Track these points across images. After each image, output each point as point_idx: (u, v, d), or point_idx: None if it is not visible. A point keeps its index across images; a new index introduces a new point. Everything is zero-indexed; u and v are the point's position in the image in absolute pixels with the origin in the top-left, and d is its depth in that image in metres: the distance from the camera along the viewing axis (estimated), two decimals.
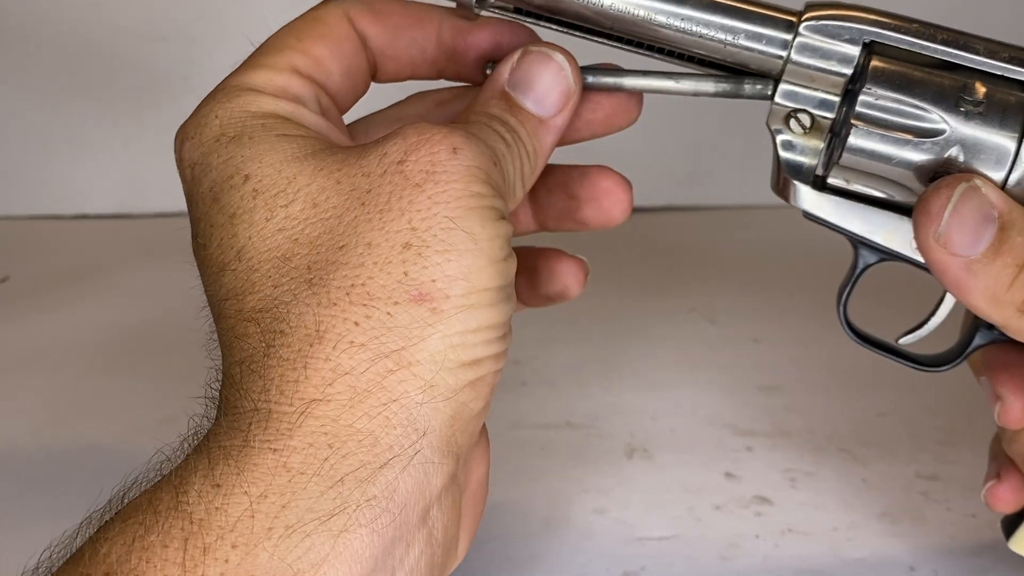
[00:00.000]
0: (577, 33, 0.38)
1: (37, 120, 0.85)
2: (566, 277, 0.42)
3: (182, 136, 0.35)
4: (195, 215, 0.34)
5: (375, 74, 0.39)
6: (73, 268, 0.78)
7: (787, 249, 0.75)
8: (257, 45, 0.37)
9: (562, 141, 0.39)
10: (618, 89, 0.38)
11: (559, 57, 0.37)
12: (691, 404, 0.60)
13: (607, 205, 0.41)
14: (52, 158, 0.86)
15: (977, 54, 0.35)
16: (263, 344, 0.31)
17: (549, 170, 0.41)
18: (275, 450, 0.29)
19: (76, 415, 0.58)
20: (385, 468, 0.30)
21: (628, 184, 0.41)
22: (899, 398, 0.45)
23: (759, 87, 0.37)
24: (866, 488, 0.52)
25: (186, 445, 0.32)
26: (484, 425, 0.37)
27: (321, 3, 0.38)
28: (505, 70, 0.37)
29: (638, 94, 0.39)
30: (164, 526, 0.28)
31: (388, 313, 0.31)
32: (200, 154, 0.34)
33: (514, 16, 0.38)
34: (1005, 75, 0.35)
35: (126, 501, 0.31)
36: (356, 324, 0.30)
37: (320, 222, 0.31)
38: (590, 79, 0.38)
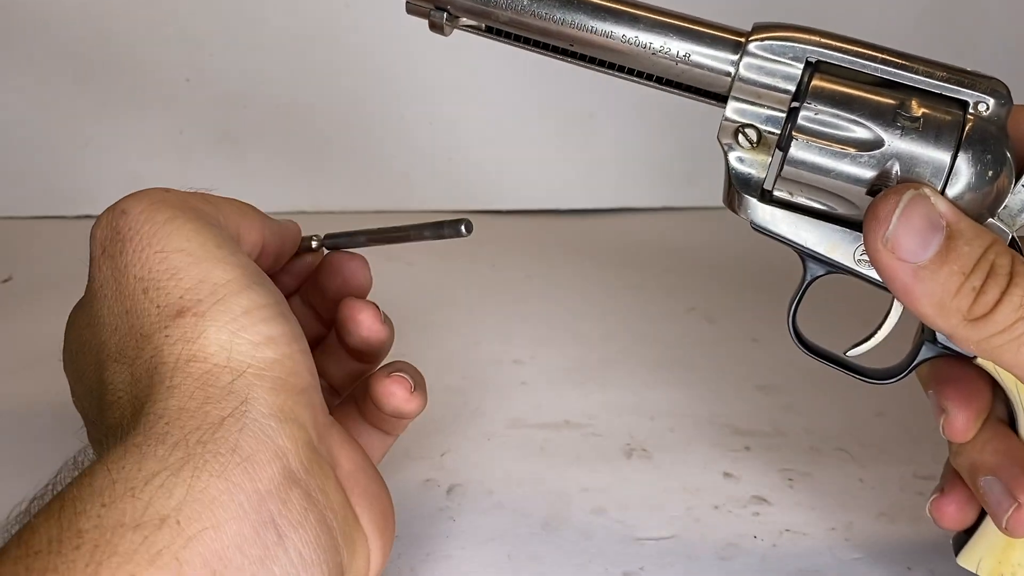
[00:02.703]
0: (539, 50, 0.40)
1: (40, 121, 0.85)
2: (390, 394, 0.44)
3: None
4: None
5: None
6: (76, 268, 0.78)
7: (786, 249, 0.75)
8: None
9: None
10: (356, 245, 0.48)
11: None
12: (690, 404, 0.60)
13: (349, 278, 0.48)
14: (55, 159, 0.86)
15: (915, 73, 0.37)
16: (117, 414, 0.38)
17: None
18: (122, 440, 0.35)
19: (77, 415, 0.58)
20: (220, 427, 0.35)
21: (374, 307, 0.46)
22: (897, 398, 0.45)
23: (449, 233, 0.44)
24: (863, 488, 0.53)
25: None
26: (340, 427, 0.40)
27: None
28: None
29: (360, 257, 0.48)
30: (45, 509, 0.33)
31: (166, 336, 0.37)
32: None
33: (484, 34, 0.41)
34: (942, 93, 0.37)
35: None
36: (152, 356, 0.37)
37: (101, 329, 0.40)
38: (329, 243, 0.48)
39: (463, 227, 0.44)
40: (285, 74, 0.84)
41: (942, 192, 0.36)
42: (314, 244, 0.48)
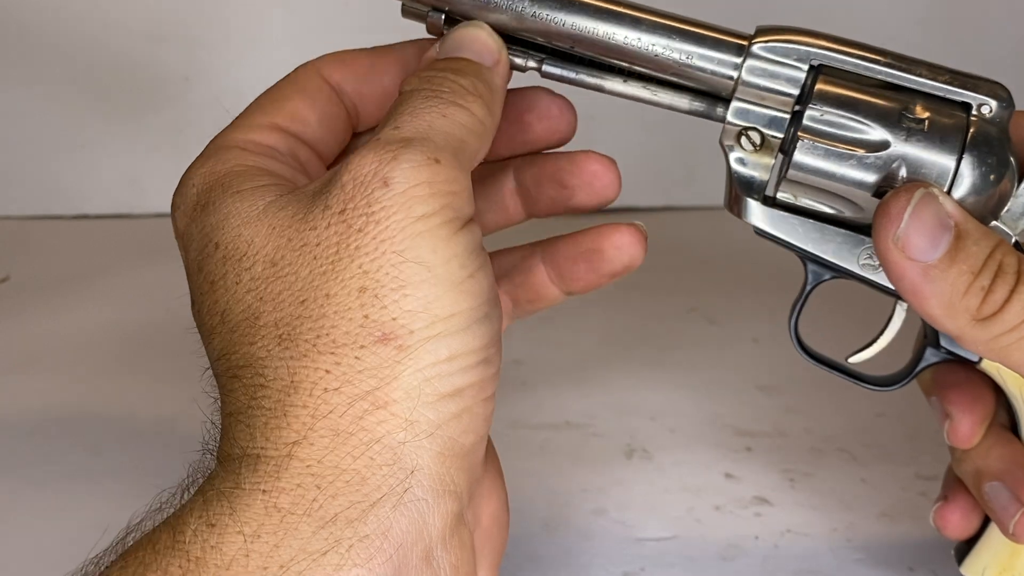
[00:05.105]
0: (541, 54, 0.40)
1: (37, 120, 0.85)
2: (630, 248, 0.41)
3: (173, 207, 0.37)
4: (190, 284, 0.36)
5: (357, 122, 0.41)
6: (73, 268, 0.78)
7: (787, 249, 0.75)
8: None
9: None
10: (599, 90, 0.40)
11: (476, 24, 0.38)
12: (691, 404, 0.60)
13: (599, 188, 0.41)
14: (52, 158, 0.86)
15: (918, 76, 0.37)
16: (247, 397, 0.32)
17: (536, 161, 0.42)
18: (264, 491, 0.30)
19: (76, 415, 0.58)
20: (376, 507, 0.30)
21: (614, 163, 0.41)
22: (898, 399, 0.45)
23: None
24: (865, 488, 0.52)
25: (183, 494, 0.33)
26: (494, 459, 0.38)
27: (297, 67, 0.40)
28: (433, 47, 0.38)
29: (570, 108, 0.41)
30: (162, 563, 0.29)
31: (356, 357, 0.31)
32: (184, 224, 0.36)
33: None
34: (946, 96, 0.37)
35: (129, 543, 0.31)
36: (327, 372, 0.31)
37: (279, 279, 0.32)
38: (574, 75, 0.40)
39: (720, 109, 0.39)
40: (284, 74, 0.84)
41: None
42: (531, 64, 0.40)
